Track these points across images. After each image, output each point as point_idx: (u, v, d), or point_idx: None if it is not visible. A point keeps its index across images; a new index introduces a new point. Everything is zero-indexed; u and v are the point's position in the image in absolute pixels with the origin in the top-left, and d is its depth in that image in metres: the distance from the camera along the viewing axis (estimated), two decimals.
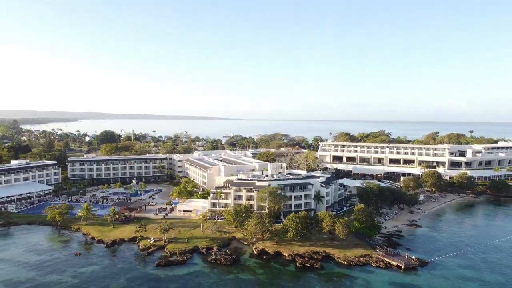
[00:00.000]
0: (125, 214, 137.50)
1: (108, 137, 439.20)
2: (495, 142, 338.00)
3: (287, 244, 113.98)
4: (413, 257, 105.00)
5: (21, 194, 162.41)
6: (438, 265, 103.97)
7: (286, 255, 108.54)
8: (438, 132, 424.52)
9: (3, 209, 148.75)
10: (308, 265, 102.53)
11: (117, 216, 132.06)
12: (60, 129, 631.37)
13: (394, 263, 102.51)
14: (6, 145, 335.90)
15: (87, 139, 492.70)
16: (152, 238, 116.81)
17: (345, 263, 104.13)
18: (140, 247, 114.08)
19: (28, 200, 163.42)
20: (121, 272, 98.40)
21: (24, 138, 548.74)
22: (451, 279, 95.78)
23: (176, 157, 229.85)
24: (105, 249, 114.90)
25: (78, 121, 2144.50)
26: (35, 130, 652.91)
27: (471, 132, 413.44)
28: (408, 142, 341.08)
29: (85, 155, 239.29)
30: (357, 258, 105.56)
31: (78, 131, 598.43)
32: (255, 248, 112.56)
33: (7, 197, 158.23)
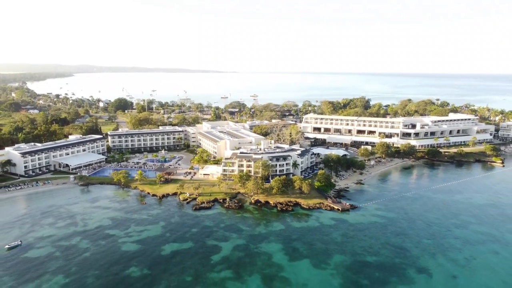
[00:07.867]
0: (166, 177, 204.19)
1: (122, 104, 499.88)
2: (455, 109, 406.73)
3: (273, 196, 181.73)
4: (348, 204, 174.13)
5: (86, 162, 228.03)
6: (363, 209, 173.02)
7: (272, 203, 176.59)
8: (410, 99, 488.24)
9: (78, 173, 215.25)
10: (284, 209, 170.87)
11: (162, 179, 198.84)
12: (73, 93, 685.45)
13: (336, 207, 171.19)
14: (36, 111, 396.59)
15: (101, 104, 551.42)
16: (187, 193, 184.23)
17: (307, 207, 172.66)
18: (180, 199, 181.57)
19: (90, 166, 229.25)
20: (174, 212, 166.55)
21: (41, 102, 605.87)
22: (367, 216, 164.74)
23: (190, 129, 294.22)
24: (158, 200, 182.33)
25: (74, 76, 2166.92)
26: (47, 93, 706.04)
27: (437, 100, 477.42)
28: (379, 112, 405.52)
29: (120, 129, 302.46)
30: (314, 204, 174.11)
31: (91, 96, 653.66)
32: (252, 199, 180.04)
33: (76, 164, 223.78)
